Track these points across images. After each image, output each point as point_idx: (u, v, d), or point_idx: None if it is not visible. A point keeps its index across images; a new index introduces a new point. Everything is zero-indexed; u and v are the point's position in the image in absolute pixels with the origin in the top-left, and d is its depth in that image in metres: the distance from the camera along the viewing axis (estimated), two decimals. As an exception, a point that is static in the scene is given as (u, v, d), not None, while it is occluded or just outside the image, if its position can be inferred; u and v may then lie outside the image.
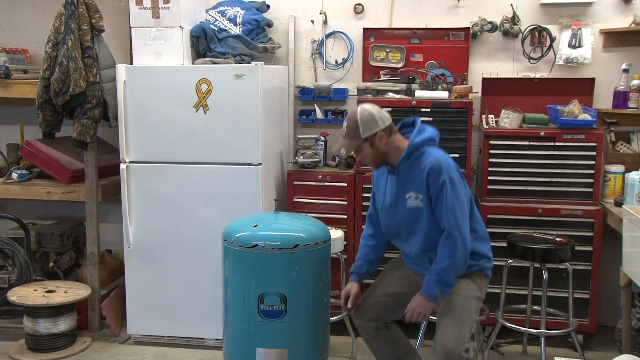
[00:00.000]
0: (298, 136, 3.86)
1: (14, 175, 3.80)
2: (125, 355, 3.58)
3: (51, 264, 3.95)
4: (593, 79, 3.68)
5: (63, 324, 3.55)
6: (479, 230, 2.61)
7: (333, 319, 3.26)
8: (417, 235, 2.60)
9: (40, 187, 3.76)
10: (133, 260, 3.65)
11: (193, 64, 3.53)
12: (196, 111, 3.41)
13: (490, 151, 3.56)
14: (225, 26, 3.73)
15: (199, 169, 3.45)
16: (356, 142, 2.54)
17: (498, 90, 3.79)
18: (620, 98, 3.64)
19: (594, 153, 3.45)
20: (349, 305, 2.76)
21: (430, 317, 2.97)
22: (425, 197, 2.51)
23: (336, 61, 3.97)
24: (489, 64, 3.82)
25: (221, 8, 3.83)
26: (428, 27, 3.83)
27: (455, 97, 3.59)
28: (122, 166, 3.51)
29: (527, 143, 3.52)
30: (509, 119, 3.63)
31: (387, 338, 2.79)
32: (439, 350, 2.41)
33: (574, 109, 3.51)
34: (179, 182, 3.50)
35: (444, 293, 2.52)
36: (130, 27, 3.53)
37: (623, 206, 3.05)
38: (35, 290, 3.59)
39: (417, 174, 2.52)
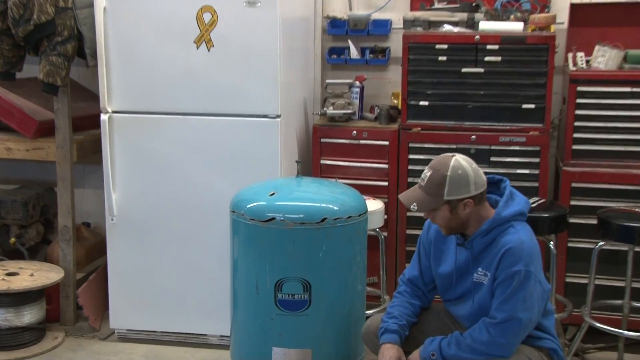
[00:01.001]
0: (327, 81, 3.91)
1: (-38, 128, 3.85)
2: (107, 354, 3.68)
3: (13, 239, 3.98)
4: None
5: (28, 315, 3.63)
6: (545, 325, 2.71)
7: (369, 312, 3.35)
8: (473, 305, 2.70)
9: (-2, 141, 3.85)
10: (117, 236, 3.73)
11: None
12: (197, 48, 3.44)
13: (578, 100, 3.56)
14: None
15: (201, 122, 3.51)
16: (434, 202, 2.61)
17: (591, 20, 3.75)
18: None
19: None
20: None
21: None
22: (492, 277, 2.61)
23: (377, -17, 4.04)
24: (579, -16, 3.77)
25: None
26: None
27: (532, 30, 3.57)
28: (103, 117, 3.55)
29: (628, 90, 3.50)
30: (604, 58, 3.59)
31: None
32: None
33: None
34: (175, 138, 3.57)
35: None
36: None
37: None
38: (-7, 272, 3.68)
39: (492, 252, 2.62)
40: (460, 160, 2.61)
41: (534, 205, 3.33)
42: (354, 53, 4.06)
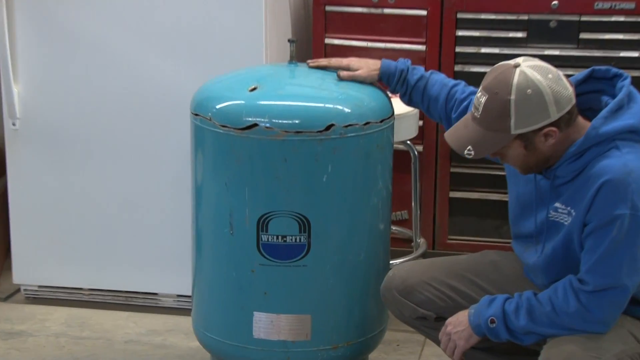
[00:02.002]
0: None
1: None
2: (9, 321, 3.80)
3: None
4: None
5: None
6: None
7: (395, 262, 3.42)
8: (543, 253, 2.74)
9: None
10: (22, 149, 3.78)
11: None
12: None
13: None
14: None
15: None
16: (498, 140, 2.61)
17: None
18: None
19: None
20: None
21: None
22: (579, 219, 2.60)
23: None
24: None
25: None
26: None
27: None
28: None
29: None
30: None
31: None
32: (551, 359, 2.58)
33: None
34: (110, 9, 3.59)
35: (495, 336, 2.69)
36: None
37: None
38: None
39: (582, 184, 2.59)
40: (527, 72, 2.54)
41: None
42: None
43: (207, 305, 3.17)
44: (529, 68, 2.56)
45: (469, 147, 2.63)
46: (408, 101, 3.09)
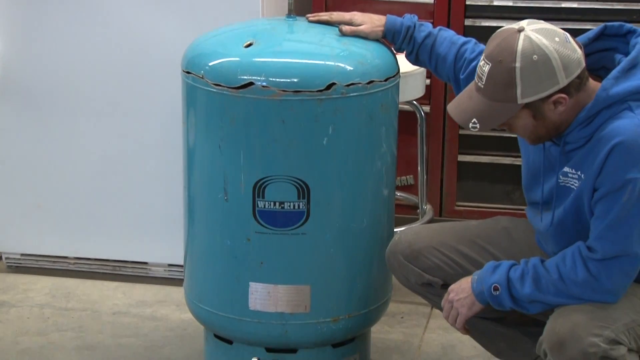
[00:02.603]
0: None
1: None
2: None
3: None
4: None
5: None
6: None
7: (399, 229, 3.39)
8: (553, 220, 2.72)
9: None
10: (1, 111, 3.82)
11: None
12: None
13: None
14: None
15: None
16: (505, 111, 2.58)
17: None
18: None
19: None
20: None
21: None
22: (589, 184, 2.58)
23: None
24: None
25: None
26: None
27: None
28: None
29: None
30: None
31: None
32: (556, 328, 2.58)
33: None
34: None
35: (499, 304, 2.68)
36: None
37: None
38: None
39: (592, 147, 2.56)
40: (532, 36, 2.50)
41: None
42: None
43: (200, 275, 3.14)
44: (534, 32, 2.52)
45: (474, 120, 2.61)
46: (414, 60, 3.04)
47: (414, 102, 3.62)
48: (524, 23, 2.55)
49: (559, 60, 2.50)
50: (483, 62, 2.57)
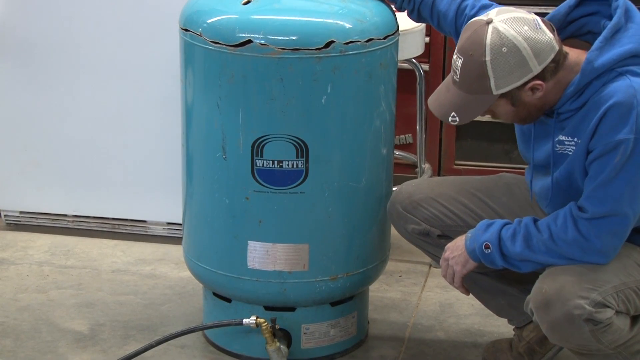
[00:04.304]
0: None
1: None
2: None
3: None
4: None
5: None
6: None
7: (398, 188, 3.41)
8: (553, 183, 2.72)
9: None
10: (1, 66, 3.82)
11: None
12: None
13: None
14: None
15: None
16: (482, 103, 2.60)
17: None
18: None
19: None
20: None
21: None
22: (583, 147, 2.58)
23: None
24: None
25: None
26: None
27: None
28: None
29: None
30: None
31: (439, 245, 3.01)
32: (543, 288, 2.60)
33: None
34: None
35: (490, 262, 2.71)
36: None
37: None
38: None
39: (587, 112, 2.56)
40: (500, 28, 2.50)
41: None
42: None
43: (198, 233, 3.15)
44: (502, 23, 2.53)
45: (452, 113, 2.63)
46: (417, 18, 3.03)
47: (413, 60, 3.61)
48: (492, 13, 2.56)
49: (529, 49, 2.51)
50: (456, 56, 2.59)
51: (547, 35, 2.52)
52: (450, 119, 2.63)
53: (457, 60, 2.59)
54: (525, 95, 2.57)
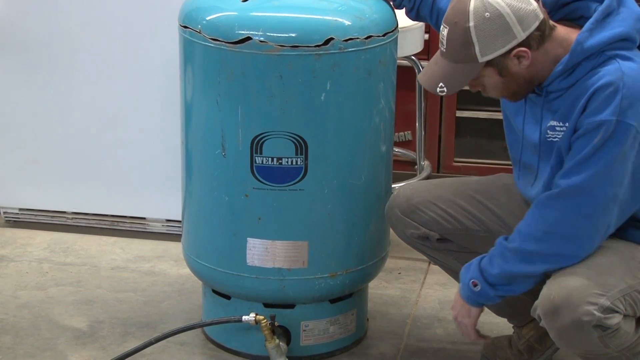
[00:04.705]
0: None
1: None
2: None
3: None
4: None
5: None
6: None
7: (398, 185, 3.38)
8: (537, 180, 2.72)
9: None
10: (0, 63, 3.82)
11: None
12: None
13: None
14: None
15: None
16: (468, 71, 2.60)
17: None
18: None
19: None
20: None
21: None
22: (570, 130, 2.58)
23: None
24: None
25: None
26: None
27: None
28: None
29: None
30: None
31: (440, 249, 3.02)
32: (551, 294, 2.58)
33: None
34: None
35: (485, 297, 2.71)
36: None
37: None
38: None
39: (577, 96, 2.55)
40: None
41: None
42: None
43: (198, 231, 3.15)
44: None
45: (440, 84, 2.64)
46: (415, 16, 3.03)
47: (413, 57, 3.61)
48: None
49: (512, 15, 2.51)
50: (442, 26, 2.60)
51: (532, 3, 2.52)
52: (438, 89, 2.63)
53: (443, 30, 2.60)
54: (511, 63, 2.56)
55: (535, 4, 2.53)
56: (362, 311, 3.28)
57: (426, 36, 3.67)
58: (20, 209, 3.96)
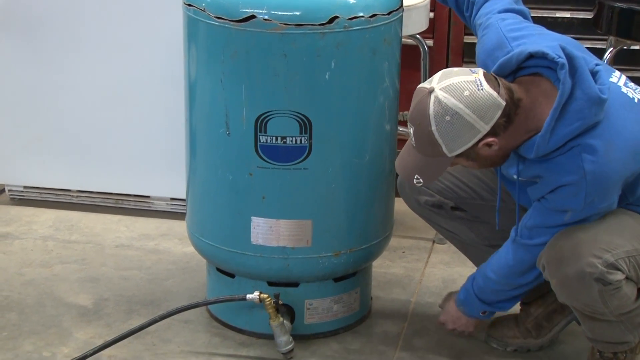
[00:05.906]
0: None
1: None
2: None
3: None
4: None
5: None
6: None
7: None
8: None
9: None
10: (3, 41, 3.82)
11: None
12: None
13: None
14: None
15: None
16: (441, 164, 2.66)
17: None
18: None
19: None
20: None
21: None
22: (541, 192, 2.70)
23: None
24: None
25: None
26: None
27: None
28: None
29: None
30: None
31: (454, 218, 3.10)
32: (558, 243, 2.66)
33: None
34: None
35: (493, 314, 2.99)
36: None
37: None
38: None
39: (547, 168, 2.64)
40: (440, 97, 2.53)
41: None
42: None
43: (202, 209, 3.15)
44: (442, 91, 2.55)
45: (416, 175, 2.68)
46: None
47: (417, 36, 3.59)
48: (434, 80, 2.60)
49: (472, 114, 2.53)
50: (409, 124, 2.65)
51: (491, 94, 2.53)
52: (415, 181, 2.68)
53: (409, 128, 2.65)
54: (481, 150, 2.61)
55: (494, 92, 2.53)
56: (365, 290, 3.29)
57: (431, 15, 3.66)
58: (25, 187, 3.97)
